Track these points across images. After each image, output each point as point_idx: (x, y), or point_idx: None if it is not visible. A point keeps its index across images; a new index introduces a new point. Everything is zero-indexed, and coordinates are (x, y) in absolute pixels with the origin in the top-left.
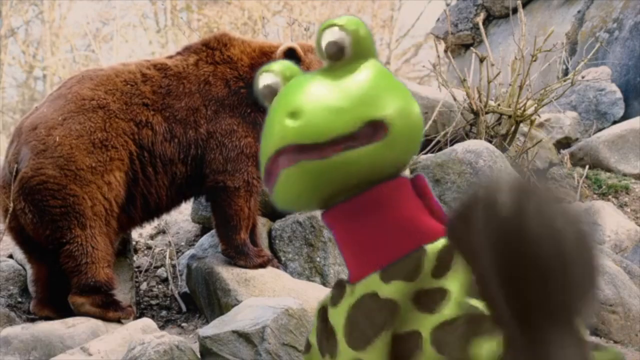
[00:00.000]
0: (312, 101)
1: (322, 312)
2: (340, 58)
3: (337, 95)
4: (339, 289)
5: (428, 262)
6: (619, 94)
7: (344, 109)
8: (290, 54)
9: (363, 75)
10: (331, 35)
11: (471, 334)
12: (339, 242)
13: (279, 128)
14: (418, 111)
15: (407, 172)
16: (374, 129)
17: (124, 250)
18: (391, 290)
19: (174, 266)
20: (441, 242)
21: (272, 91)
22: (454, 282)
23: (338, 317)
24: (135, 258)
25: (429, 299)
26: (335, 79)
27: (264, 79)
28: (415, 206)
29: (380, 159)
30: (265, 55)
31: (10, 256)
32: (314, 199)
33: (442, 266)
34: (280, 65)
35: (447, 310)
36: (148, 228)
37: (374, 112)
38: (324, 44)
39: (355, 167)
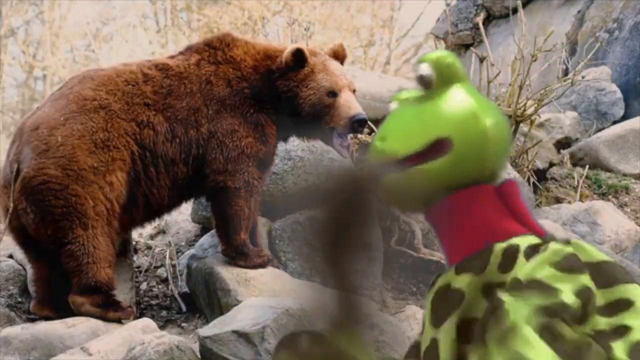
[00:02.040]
0: (395, 126)
1: None
2: (429, 88)
3: (411, 120)
4: (435, 280)
5: (495, 258)
6: (619, 94)
7: (414, 132)
8: (298, 55)
9: (437, 101)
10: (420, 70)
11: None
12: (439, 238)
13: (372, 149)
14: (487, 126)
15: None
16: (440, 146)
17: (124, 250)
18: (461, 281)
19: (174, 266)
20: (509, 241)
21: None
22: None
23: (427, 302)
24: (135, 258)
25: (495, 291)
26: (418, 106)
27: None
28: (494, 210)
29: (448, 170)
30: (269, 59)
31: (10, 256)
32: (406, 205)
33: (507, 262)
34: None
35: None
36: (148, 228)
37: (438, 132)
38: (416, 77)
39: (424, 178)
